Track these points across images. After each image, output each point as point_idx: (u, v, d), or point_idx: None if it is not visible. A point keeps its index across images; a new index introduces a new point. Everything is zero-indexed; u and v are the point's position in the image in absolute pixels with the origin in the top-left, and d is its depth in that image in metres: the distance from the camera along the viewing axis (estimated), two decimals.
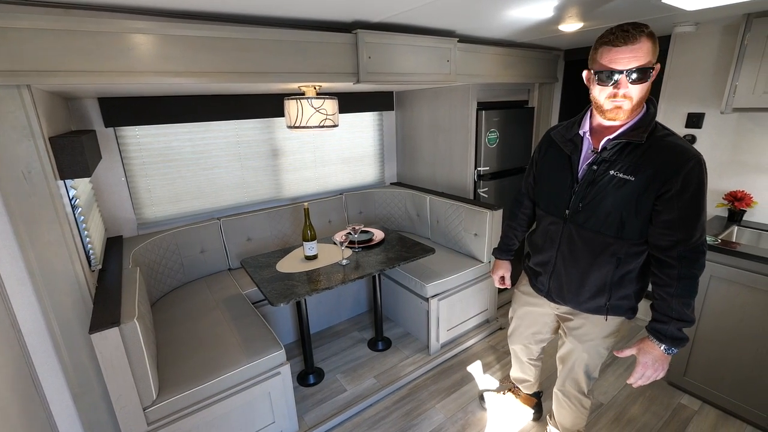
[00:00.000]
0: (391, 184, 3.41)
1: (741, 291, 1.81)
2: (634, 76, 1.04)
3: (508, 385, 2.11)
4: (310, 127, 1.92)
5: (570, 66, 3.04)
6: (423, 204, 2.97)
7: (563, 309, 1.44)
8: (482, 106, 2.66)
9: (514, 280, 1.73)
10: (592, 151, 1.22)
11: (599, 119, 1.19)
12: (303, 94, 1.98)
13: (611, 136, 1.16)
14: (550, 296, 1.43)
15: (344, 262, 2.05)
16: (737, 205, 2.16)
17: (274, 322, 2.46)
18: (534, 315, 1.60)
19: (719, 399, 1.98)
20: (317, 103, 1.91)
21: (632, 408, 2.03)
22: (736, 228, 2.18)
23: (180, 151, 2.38)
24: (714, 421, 1.93)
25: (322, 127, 1.96)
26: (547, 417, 1.79)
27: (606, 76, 1.07)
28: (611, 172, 1.16)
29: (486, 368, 2.36)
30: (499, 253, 1.69)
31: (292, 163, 2.84)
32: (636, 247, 1.20)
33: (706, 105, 2.29)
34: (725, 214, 2.30)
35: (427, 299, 2.34)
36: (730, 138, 2.23)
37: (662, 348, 1.15)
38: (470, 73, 2.30)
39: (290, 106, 1.91)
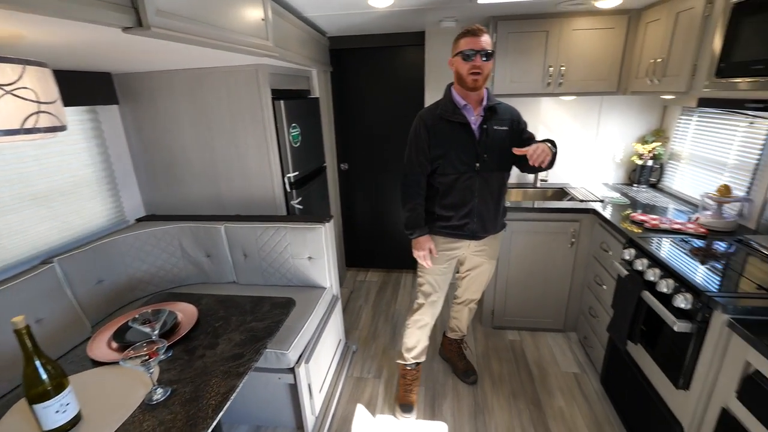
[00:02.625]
0: (138, 220, 2.21)
1: (530, 237, 2.29)
2: (484, 56, 1.51)
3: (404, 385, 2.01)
4: None
5: (334, 55, 2.87)
6: (214, 238, 2.08)
7: (481, 241, 1.80)
8: (275, 94, 2.06)
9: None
10: (479, 116, 1.63)
11: (466, 93, 1.60)
12: None
13: (485, 104, 1.63)
14: (477, 236, 1.77)
15: (157, 395, 1.04)
16: None
17: None
18: (451, 262, 1.87)
19: (529, 323, 2.52)
20: (6, 74, 0.79)
21: (492, 362, 2.25)
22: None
23: None
24: (532, 340, 2.44)
25: (31, 131, 0.86)
26: (447, 331, 2.24)
27: (467, 54, 1.50)
28: (495, 127, 1.64)
29: (371, 406, 1.96)
30: (421, 229, 1.76)
31: None
32: (508, 173, 1.75)
33: None
34: None
35: (291, 369, 1.64)
36: None
37: (548, 145, 1.54)
38: (282, 46, 1.66)
39: None
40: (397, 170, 3.01)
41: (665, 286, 1.43)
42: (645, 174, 2.59)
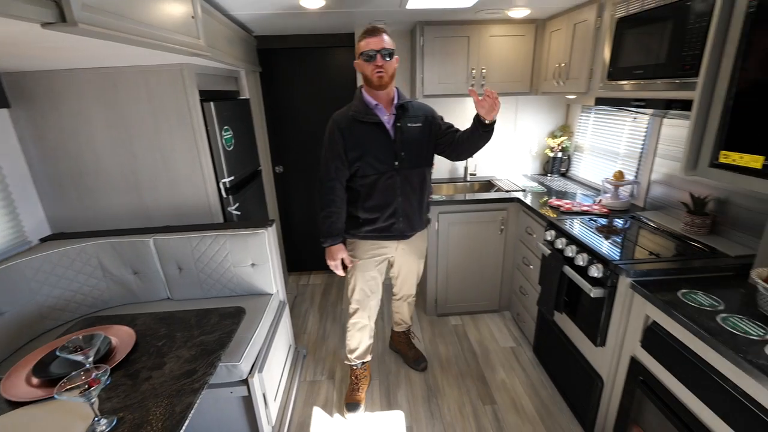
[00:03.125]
0: (42, 240, 1.94)
1: (465, 227, 2.46)
2: (387, 55, 1.52)
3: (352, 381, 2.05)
4: None
5: (262, 54, 2.78)
6: (141, 253, 1.91)
7: (408, 240, 1.83)
8: (203, 96, 1.94)
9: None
10: (392, 115, 1.65)
11: (375, 93, 1.61)
12: None
13: (396, 103, 1.65)
14: (405, 235, 1.79)
15: (102, 426, 0.94)
16: None
17: None
18: (381, 266, 1.87)
19: (469, 308, 2.71)
20: None
21: (439, 347, 2.38)
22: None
23: None
24: (473, 323, 2.63)
25: None
26: (393, 325, 2.28)
27: (369, 55, 1.52)
28: (408, 124, 1.66)
29: (327, 408, 1.96)
30: (335, 238, 1.73)
31: None
32: (431, 168, 1.78)
33: (405, 92, 2.81)
34: None
35: (244, 381, 1.57)
36: None
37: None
38: (212, 45, 1.57)
39: None
40: None
41: (581, 260, 1.65)
42: (556, 165, 2.93)
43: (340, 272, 1.79)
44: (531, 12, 2.20)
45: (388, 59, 1.53)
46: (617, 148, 2.37)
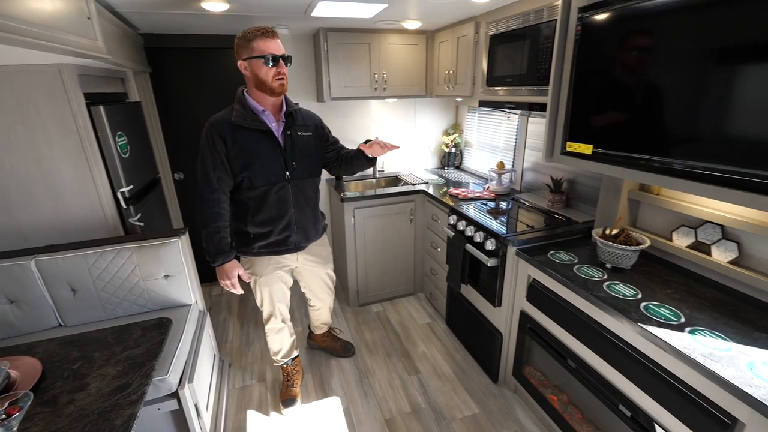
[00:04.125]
0: None
1: (378, 220, 2.67)
2: (288, 61, 1.47)
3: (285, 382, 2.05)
4: None
5: (151, 54, 2.57)
6: (19, 278, 1.66)
7: (307, 250, 1.80)
8: (88, 99, 1.75)
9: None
10: (281, 123, 1.57)
11: (263, 98, 1.50)
12: None
13: (285, 110, 1.57)
14: (300, 246, 1.74)
15: None
16: None
17: None
18: (284, 275, 1.82)
19: (388, 294, 2.93)
20: None
21: (365, 334, 2.54)
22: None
23: None
24: (393, 308, 2.85)
25: None
26: (314, 329, 2.28)
27: (273, 60, 1.41)
28: (299, 133, 1.61)
29: (262, 410, 1.97)
30: (226, 254, 1.61)
31: None
32: (319, 178, 1.76)
33: (311, 96, 2.89)
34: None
35: (173, 394, 1.51)
36: (335, 119, 2.99)
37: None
38: (117, 50, 1.44)
39: None
40: None
41: (479, 237, 1.97)
42: (451, 159, 3.32)
43: (238, 290, 1.68)
44: (422, 24, 2.48)
45: (289, 65, 1.47)
46: (497, 143, 2.81)
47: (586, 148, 1.44)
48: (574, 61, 1.47)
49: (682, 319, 1.19)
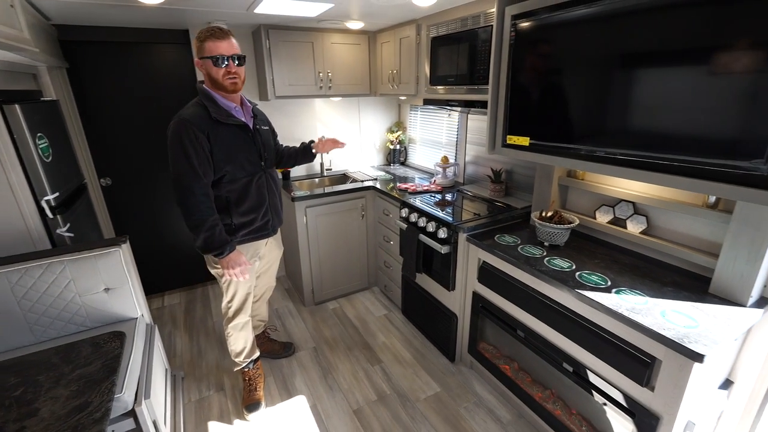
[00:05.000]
0: None
1: (330, 218, 2.70)
2: (237, 60, 1.53)
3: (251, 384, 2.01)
4: None
5: (67, 48, 2.31)
6: None
7: (275, 234, 1.93)
8: None
9: None
10: (251, 117, 1.70)
11: (230, 96, 1.59)
12: None
13: (250, 106, 1.72)
14: (275, 228, 1.89)
15: None
16: None
17: None
18: (255, 267, 1.88)
19: (343, 291, 2.96)
20: None
21: (324, 332, 2.55)
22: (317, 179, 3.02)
23: None
24: (349, 303, 2.88)
25: None
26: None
27: (221, 60, 1.48)
28: (262, 127, 1.76)
29: (224, 419, 1.90)
30: (230, 244, 1.65)
31: None
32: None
33: (253, 94, 2.79)
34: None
35: (130, 412, 1.41)
36: (281, 119, 2.92)
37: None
38: (38, 42, 1.27)
39: None
40: (167, 179, 2.77)
41: (431, 227, 2.09)
42: (396, 155, 3.44)
43: (246, 276, 1.71)
44: (364, 25, 2.55)
45: (239, 65, 1.53)
46: (440, 138, 2.98)
47: (524, 141, 1.62)
48: (509, 63, 1.63)
49: (609, 283, 1.41)
